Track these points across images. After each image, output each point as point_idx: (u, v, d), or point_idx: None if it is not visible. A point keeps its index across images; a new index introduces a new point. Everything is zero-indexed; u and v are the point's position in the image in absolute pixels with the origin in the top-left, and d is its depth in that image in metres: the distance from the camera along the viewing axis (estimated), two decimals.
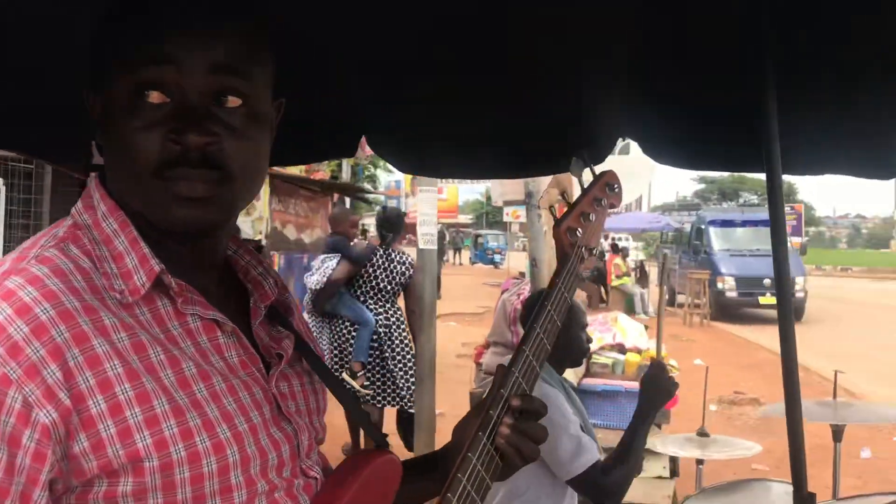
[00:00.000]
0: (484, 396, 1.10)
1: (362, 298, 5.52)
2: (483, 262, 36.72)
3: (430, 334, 4.34)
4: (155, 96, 0.84)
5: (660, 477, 4.22)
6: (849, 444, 7.22)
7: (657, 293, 16.70)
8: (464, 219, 53.60)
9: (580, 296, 19.11)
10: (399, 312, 5.57)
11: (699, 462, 2.98)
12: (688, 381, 9.94)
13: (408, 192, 39.69)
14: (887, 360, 12.14)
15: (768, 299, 16.88)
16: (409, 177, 26.15)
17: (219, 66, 0.85)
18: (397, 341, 5.49)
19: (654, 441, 3.20)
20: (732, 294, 17.06)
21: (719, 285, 17.04)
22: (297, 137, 2.46)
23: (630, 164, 11.81)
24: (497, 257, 35.48)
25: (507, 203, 5.20)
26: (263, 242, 8.42)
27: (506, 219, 27.01)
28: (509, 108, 2.49)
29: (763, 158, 1.91)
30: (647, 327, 12.25)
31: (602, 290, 18.44)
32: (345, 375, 5.34)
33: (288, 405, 0.92)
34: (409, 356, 5.40)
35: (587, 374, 4.56)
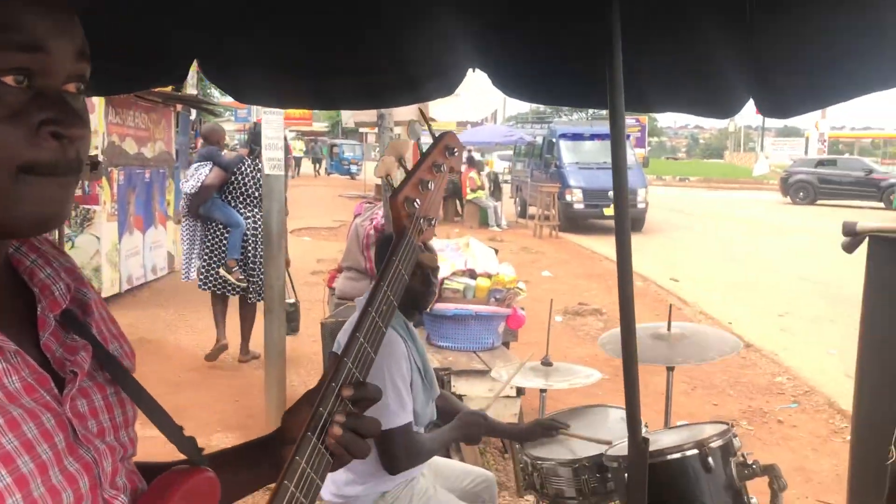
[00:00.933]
0: (316, 386, 1.04)
1: (232, 203, 6.19)
2: (339, 172, 36.21)
3: (277, 264, 4.20)
4: (12, 81, 0.75)
5: (507, 396, 4.36)
6: None
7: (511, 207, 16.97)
8: (318, 126, 52.26)
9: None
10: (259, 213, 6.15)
11: (542, 391, 3.07)
12: (536, 292, 10.32)
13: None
14: (716, 267, 13.07)
15: (612, 210, 17.66)
16: None
17: (81, 52, 0.81)
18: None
19: (501, 372, 3.27)
20: (580, 206, 17.69)
21: (568, 197, 17.61)
22: (123, 65, 2.26)
23: (483, 79, 11.85)
24: (353, 168, 35.05)
25: (359, 124, 5.06)
26: (100, 158, 7.86)
27: (361, 129, 26.63)
28: (353, 40, 2.38)
29: (607, 95, 1.93)
30: (500, 242, 12.58)
31: (458, 203, 18.68)
32: (221, 271, 6.12)
33: (88, 426, 0.81)
34: None
35: (439, 298, 4.59)
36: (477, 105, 11.84)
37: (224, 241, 6.13)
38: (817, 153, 38.88)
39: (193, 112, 17.70)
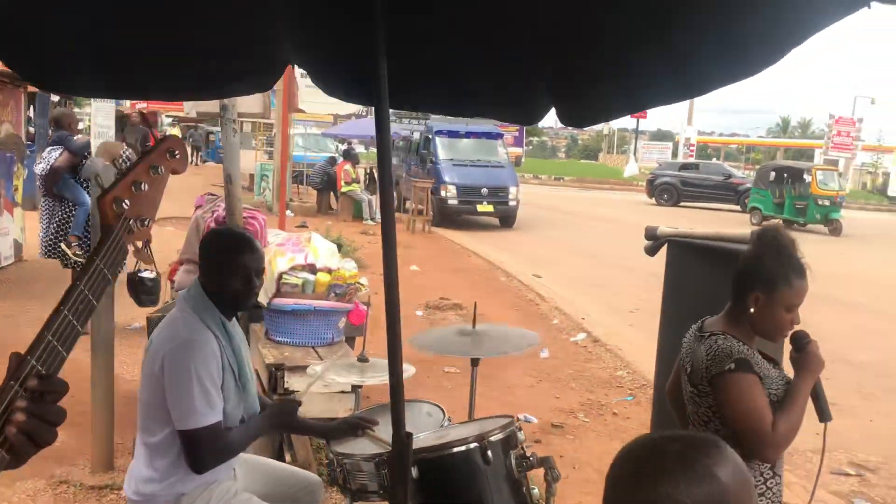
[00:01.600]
0: None
1: (84, 184, 6.66)
2: (215, 161, 35.16)
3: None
4: None
5: (343, 392, 4.39)
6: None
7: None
8: (192, 113, 50.48)
9: (311, 199, 18.90)
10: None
11: (356, 386, 3.11)
12: (402, 287, 10.37)
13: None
14: (578, 264, 13.55)
15: (485, 207, 18.03)
16: None
17: None
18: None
19: (316, 368, 3.30)
20: (454, 202, 17.94)
21: (442, 193, 17.83)
22: None
23: None
24: None
25: (201, 114, 4.94)
26: None
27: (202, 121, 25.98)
28: (166, 31, 2.36)
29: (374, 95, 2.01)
30: (372, 236, 12.49)
31: (332, 196, 18.55)
32: (62, 245, 6.66)
33: None
34: None
35: (277, 293, 4.58)
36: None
37: (71, 218, 6.72)
38: (685, 157, 40.88)
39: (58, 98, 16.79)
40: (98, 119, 3.93)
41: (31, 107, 15.04)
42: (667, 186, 28.71)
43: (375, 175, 20.16)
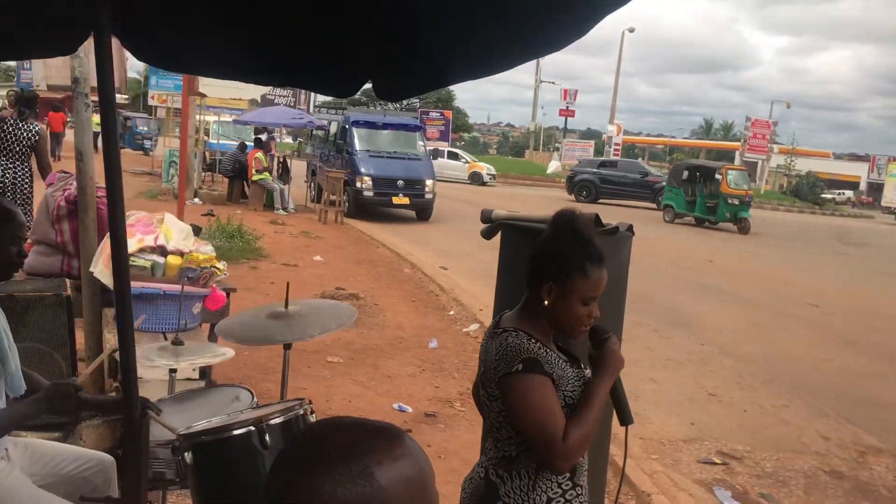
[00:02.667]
0: None
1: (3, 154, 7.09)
2: (132, 147, 34.14)
3: None
4: None
5: (189, 378, 4.24)
6: (422, 335, 8.00)
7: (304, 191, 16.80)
8: (120, 99, 49.03)
9: (222, 187, 18.48)
10: (28, 170, 7.31)
11: (172, 371, 2.98)
12: (302, 276, 10.19)
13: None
14: (488, 257, 13.55)
15: (400, 199, 17.92)
16: None
17: None
18: (24, 193, 7.22)
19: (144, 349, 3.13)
20: (370, 193, 17.77)
21: (358, 184, 17.64)
22: None
23: None
24: (147, 143, 33.18)
25: (52, 87, 4.70)
26: None
27: (151, 102, 25.27)
28: None
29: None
30: (282, 225, 12.23)
31: (244, 184, 18.16)
32: None
33: None
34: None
35: None
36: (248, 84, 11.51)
37: None
38: (613, 155, 41.53)
39: None
40: None
41: None
42: (586, 183, 29.10)
43: (289, 164, 19.86)
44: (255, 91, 11.52)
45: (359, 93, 3.07)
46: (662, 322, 9.71)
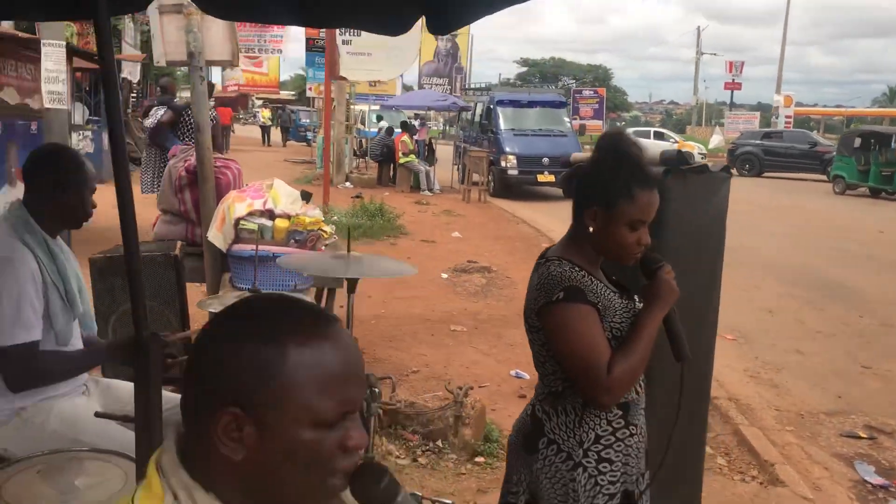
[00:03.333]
0: None
1: (181, 137, 8.14)
2: (296, 139, 35.84)
3: None
4: None
5: None
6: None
7: (450, 172, 17.04)
8: (285, 94, 51.63)
9: (373, 171, 19.11)
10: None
11: None
12: (439, 251, 10.31)
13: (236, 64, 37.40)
14: None
15: (546, 177, 17.70)
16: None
17: None
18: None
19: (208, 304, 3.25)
20: (514, 172, 17.69)
21: (502, 163, 17.61)
22: None
23: (395, 38, 11.73)
24: (310, 135, 34.68)
25: (171, 63, 4.97)
26: None
27: (309, 94, 26.34)
28: None
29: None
30: (426, 205, 12.53)
31: (391, 167, 18.60)
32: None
33: None
34: None
35: (237, 239, 4.57)
36: (389, 63, 11.72)
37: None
38: (784, 128, 39.04)
39: (127, 72, 17.38)
40: (48, 64, 4.01)
41: (96, 83, 15.63)
42: (748, 156, 27.53)
43: (434, 146, 20.12)
44: (396, 73, 11.71)
45: (499, 79, 3.02)
46: (819, 294, 9.04)
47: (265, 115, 40.27)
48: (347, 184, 17.30)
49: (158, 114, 8.39)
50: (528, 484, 2.10)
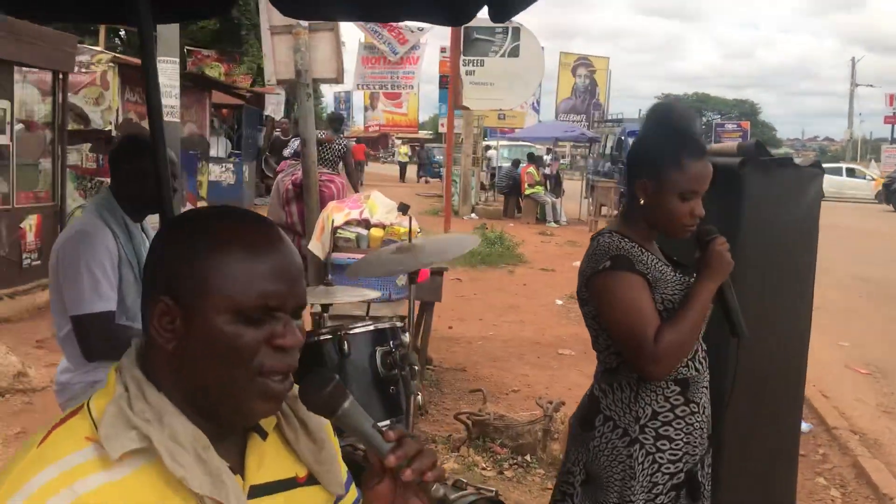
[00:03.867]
0: None
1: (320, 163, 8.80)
2: (431, 176, 36.53)
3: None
4: None
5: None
6: None
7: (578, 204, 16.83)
8: (424, 134, 52.99)
9: (499, 204, 19.16)
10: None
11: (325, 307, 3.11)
12: (555, 280, 10.17)
13: (366, 104, 38.57)
14: None
15: None
16: (367, 93, 25.44)
17: None
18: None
19: None
20: None
21: None
22: None
23: (518, 66, 11.80)
24: (442, 171, 35.30)
25: (280, 81, 5.22)
26: (113, 133, 8.38)
27: (441, 130, 26.86)
28: None
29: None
30: (550, 236, 12.57)
31: (518, 199, 18.62)
32: None
33: None
34: None
35: (334, 248, 4.69)
36: (511, 92, 11.77)
37: None
38: None
39: (271, 109, 18.34)
40: (162, 79, 4.30)
41: (239, 120, 16.62)
42: None
43: (561, 178, 19.97)
44: (518, 101, 11.72)
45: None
46: None
47: (402, 151, 41.30)
48: (473, 215, 17.45)
49: (295, 145, 9.12)
50: (584, 464, 2.06)
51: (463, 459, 4.29)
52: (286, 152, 9.36)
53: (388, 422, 2.15)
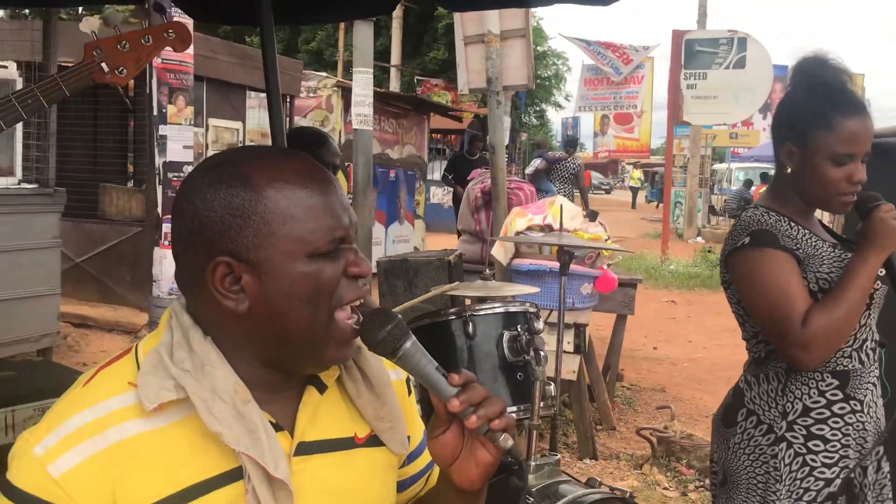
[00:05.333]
0: None
1: (553, 182, 10.83)
2: (659, 200, 35.43)
3: (362, 213, 4.59)
4: None
5: (565, 352, 4.26)
6: None
7: None
8: (655, 160, 51.68)
9: (728, 227, 18.09)
10: (570, 192, 11.07)
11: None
12: None
13: (596, 130, 38.61)
14: None
15: None
16: (598, 114, 25.62)
17: None
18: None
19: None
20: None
21: None
22: None
23: (745, 77, 11.12)
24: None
25: (473, 90, 5.28)
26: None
27: (674, 152, 26.01)
28: None
29: None
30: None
31: None
32: None
33: None
34: None
35: (516, 254, 4.63)
36: (737, 105, 11.10)
37: None
38: None
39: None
40: (357, 89, 4.51)
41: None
42: None
43: None
44: (744, 115, 10.95)
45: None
46: None
47: (635, 175, 40.36)
48: (699, 238, 16.63)
49: (535, 163, 11.11)
50: (723, 462, 1.86)
51: (644, 477, 4.04)
52: (527, 171, 11.38)
53: (514, 408, 2.06)
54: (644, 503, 3.71)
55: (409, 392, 1.19)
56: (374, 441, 1.08)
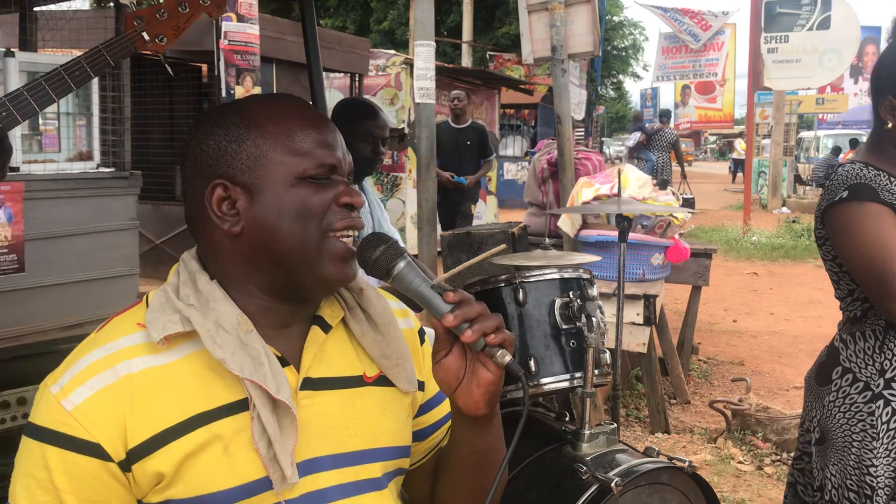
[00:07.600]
0: None
1: (653, 152, 13.13)
2: (742, 171, 34.27)
3: (426, 187, 4.56)
4: None
5: (634, 323, 4.16)
6: None
7: None
8: (738, 129, 50.10)
9: (815, 197, 17.37)
10: (668, 159, 13.50)
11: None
12: None
13: (677, 101, 37.79)
14: None
15: None
16: (679, 85, 24.96)
17: None
18: (665, 174, 12.90)
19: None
20: None
21: None
22: None
23: (830, 39, 10.59)
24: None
25: (538, 60, 5.17)
26: (407, 131, 8.98)
27: (758, 120, 25.12)
28: None
29: None
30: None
31: None
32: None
33: None
34: None
35: (584, 225, 4.54)
36: (821, 69, 10.58)
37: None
38: None
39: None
40: (418, 62, 4.47)
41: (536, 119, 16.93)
42: None
43: None
44: (829, 79, 10.31)
45: None
46: None
47: (743, 147, 39.21)
48: (784, 209, 16.04)
49: (635, 135, 12.99)
50: (819, 420, 1.84)
51: (718, 451, 3.93)
52: (628, 143, 13.22)
53: (567, 376, 2.01)
54: (717, 477, 3.61)
55: (423, 342, 1.21)
56: (383, 381, 1.12)
